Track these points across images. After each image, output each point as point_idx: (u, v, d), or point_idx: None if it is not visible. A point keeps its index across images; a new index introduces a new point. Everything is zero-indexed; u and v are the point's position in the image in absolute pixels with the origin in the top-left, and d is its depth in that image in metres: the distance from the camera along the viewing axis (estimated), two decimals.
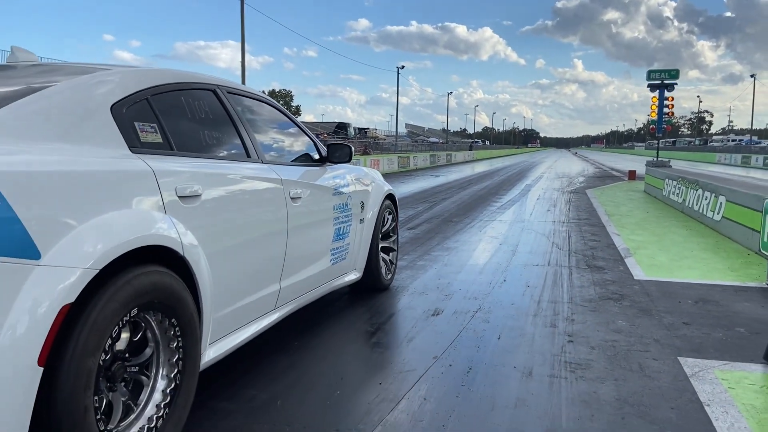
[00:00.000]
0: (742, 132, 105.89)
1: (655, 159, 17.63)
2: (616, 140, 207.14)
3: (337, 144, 4.26)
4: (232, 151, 3.16)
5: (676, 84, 18.54)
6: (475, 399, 2.98)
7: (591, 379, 3.22)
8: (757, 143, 67.91)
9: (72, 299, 1.82)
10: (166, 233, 2.27)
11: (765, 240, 6.62)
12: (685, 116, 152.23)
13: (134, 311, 2.11)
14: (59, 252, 1.83)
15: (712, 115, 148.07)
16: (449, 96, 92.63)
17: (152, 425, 2.21)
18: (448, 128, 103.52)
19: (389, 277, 5.23)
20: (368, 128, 74.72)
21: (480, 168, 35.32)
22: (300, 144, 4.11)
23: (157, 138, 2.58)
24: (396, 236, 5.41)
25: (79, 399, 1.85)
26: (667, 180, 13.20)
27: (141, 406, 2.21)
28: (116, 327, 2.02)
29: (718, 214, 8.75)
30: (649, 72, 18.58)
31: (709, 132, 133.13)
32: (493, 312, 4.54)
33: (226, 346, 2.86)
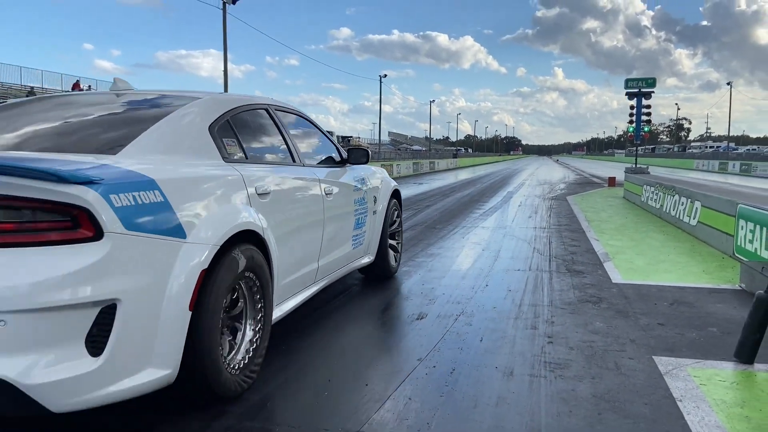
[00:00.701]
0: (719, 138, 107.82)
1: (634, 166, 17.96)
2: (596, 147, 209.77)
3: (356, 148, 5.23)
4: (282, 157, 4.01)
5: (653, 92, 18.94)
6: (458, 398, 3.09)
7: (569, 377, 3.35)
8: (734, 149, 69.24)
9: (206, 266, 2.65)
10: (253, 220, 3.09)
11: (738, 244, 6.84)
12: (664, 123, 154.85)
13: (236, 276, 2.92)
14: (196, 233, 2.65)
15: (690, 122, 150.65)
16: (432, 104, 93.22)
17: (246, 356, 3.08)
18: (431, 136, 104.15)
19: (395, 264, 6.07)
20: (351, 136, 74.95)
21: (463, 176, 35.60)
22: (325, 148, 4.95)
23: (237, 150, 3.42)
24: (400, 228, 6.29)
25: (213, 335, 2.71)
26: (645, 186, 13.47)
27: (238, 345, 3.08)
28: (228, 287, 2.84)
29: (694, 219, 8.99)
30: (627, 80, 18.95)
31: (688, 139, 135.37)
32: (476, 315, 4.66)
33: (284, 309, 3.67)
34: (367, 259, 5.40)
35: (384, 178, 5.89)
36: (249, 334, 3.14)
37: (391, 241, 5.89)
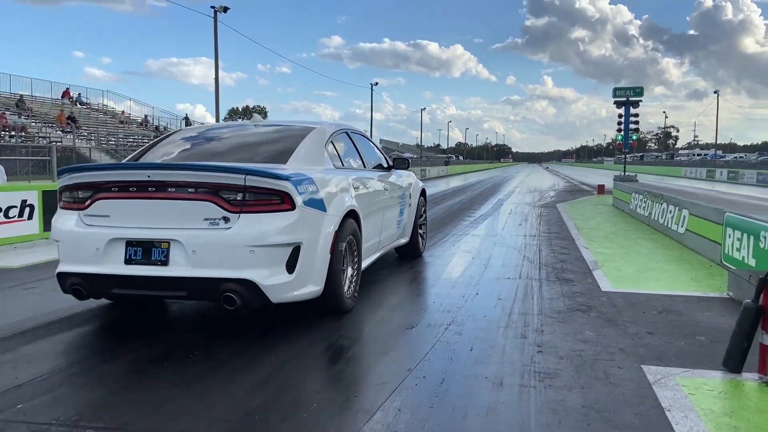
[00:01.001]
0: (707, 146, 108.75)
1: (623, 174, 18.09)
2: (586, 155, 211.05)
3: (399, 158, 7.38)
4: (359, 164, 5.95)
5: (641, 101, 19.12)
6: (448, 409, 3.08)
7: (559, 387, 3.35)
8: (721, 157, 69.88)
9: (336, 228, 4.50)
10: (354, 204, 4.93)
11: (726, 252, 6.88)
12: (652, 131, 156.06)
13: (348, 236, 4.76)
14: (331, 209, 4.48)
15: (678, 130, 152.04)
16: (423, 112, 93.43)
17: (350, 287, 4.91)
18: (422, 144, 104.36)
19: (422, 246, 7.98)
20: None
21: (454, 183, 35.68)
22: (378, 158, 6.78)
23: (337, 160, 5.34)
24: (425, 220, 8.34)
25: (339, 269, 4.55)
26: (633, 194, 13.56)
27: (346, 278, 4.85)
28: (345, 241, 4.69)
29: (681, 227, 9.05)
30: (615, 89, 19.13)
31: (675, 147, 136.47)
32: (466, 324, 4.66)
33: (363, 266, 5.37)
34: (403, 240, 7.21)
35: (415, 181, 7.87)
36: (350, 272, 4.94)
37: (419, 230, 7.72)
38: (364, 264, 5.42)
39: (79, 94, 38.27)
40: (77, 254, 4.21)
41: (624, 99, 18.96)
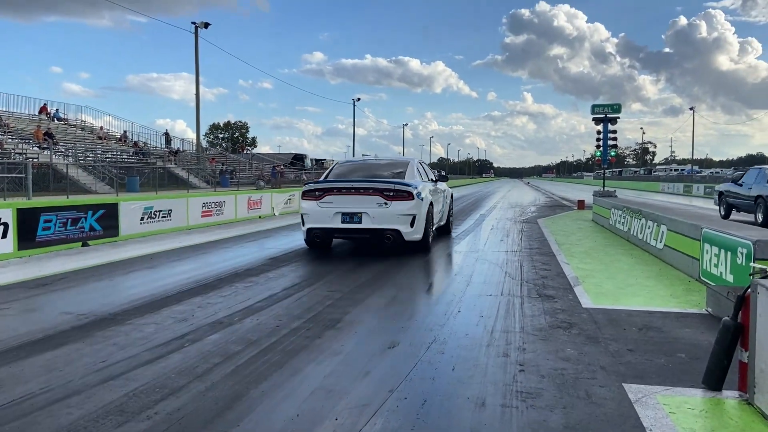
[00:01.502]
0: (683, 162, 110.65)
1: (602, 189, 18.28)
2: (565, 170, 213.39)
3: (441, 175, 12.79)
4: (428, 179, 10.84)
5: (618, 117, 19.41)
6: (429, 431, 3.04)
7: (541, 407, 3.33)
8: (697, 172, 71.10)
9: (426, 208, 9.75)
10: (429, 197, 9.98)
11: (704, 267, 6.97)
12: (630, 147, 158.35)
13: (429, 211, 10.04)
14: (424, 199, 9.57)
15: (655, 146, 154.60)
16: (405, 127, 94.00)
17: (429, 237, 10.01)
18: None
19: (451, 229, 13.01)
20: (325, 159, 74.85)
21: None
22: (433, 175, 11.49)
23: (420, 177, 10.27)
24: (452, 211, 13.34)
25: (429, 226, 10.01)
26: (613, 209, 13.70)
27: (429, 233, 9.98)
28: (428, 213, 9.93)
29: (660, 242, 9.15)
30: (593, 106, 19.40)
31: (653, 162, 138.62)
32: (448, 343, 4.63)
33: (432, 229, 10.36)
34: (443, 223, 11.99)
35: (448, 188, 12.74)
36: (430, 231, 9.90)
37: (450, 218, 12.82)
38: (432, 228, 10.41)
39: (57, 109, 37.78)
40: (318, 219, 9.23)
41: (602, 115, 19.23)
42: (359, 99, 64.54)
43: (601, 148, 19.78)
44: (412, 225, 9.06)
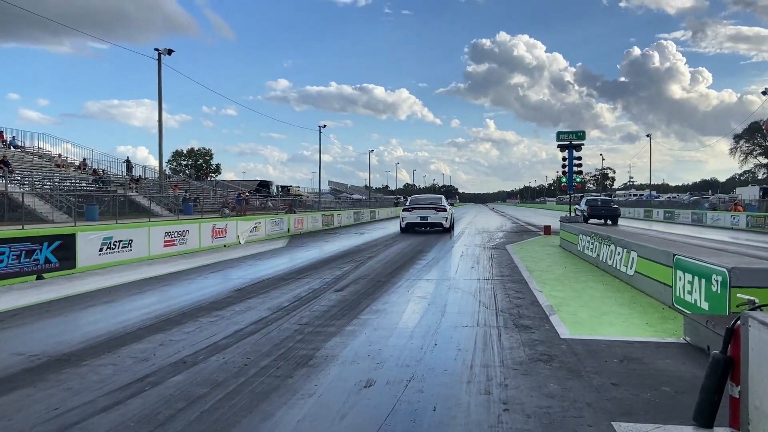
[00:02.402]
0: (642, 187, 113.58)
1: (569, 215, 18.45)
2: (529, 195, 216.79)
3: (449, 203, 27.09)
4: (446, 204, 25.26)
5: (583, 144, 19.74)
6: None
7: None
8: (656, 197, 73.01)
9: (452, 214, 26.72)
10: (450, 209, 25.47)
11: (677, 295, 6.95)
12: (591, 173, 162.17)
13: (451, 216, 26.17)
14: (450, 210, 25.09)
15: (614, 172, 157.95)
16: (370, 154, 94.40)
17: (452, 228, 25.00)
18: (371, 185, 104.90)
19: (452, 232, 24.28)
20: (291, 186, 74.41)
21: None
22: (445, 201, 25.26)
23: (445, 203, 25.12)
24: (454, 219, 26.89)
25: (449, 222, 26.00)
26: (581, 235, 13.78)
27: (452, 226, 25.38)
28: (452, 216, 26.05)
29: (631, 269, 9.16)
30: (558, 133, 19.72)
31: (613, 187, 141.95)
32: (427, 380, 4.43)
33: (446, 225, 23.69)
34: (447, 225, 23.47)
35: (452, 208, 26.74)
36: (449, 224, 24.02)
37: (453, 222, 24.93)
38: (449, 224, 23.64)
39: (14, 137, 36.64)
40: (409, 219, 23.29)
41: (567, 142, 19.53)
42: (325, 126, 64.48)
43: (566, 175, 20.05)
44: (446, 222, 22.78)
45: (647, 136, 79.23)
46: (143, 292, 9.08)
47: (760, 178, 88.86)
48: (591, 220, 27.24)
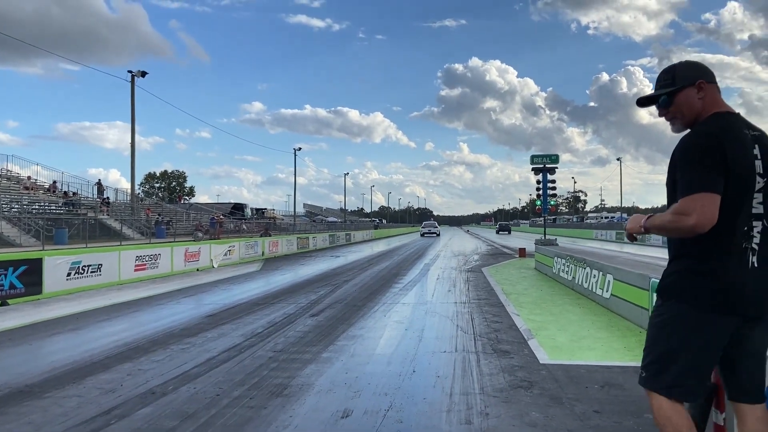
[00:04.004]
0: (613, 209, 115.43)
1: (543, 237, 18.58)
2: (503, 218, 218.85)
3: (437, 225, 69.26)
4: (438, 226, 70.81)
5: (557, 168, 19.98)
6: None
7: None
8: (626, 220, 74.17)
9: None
10: (438, 228, 69.05)
11: None
12: (563, 195, 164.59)
13: None
14: (438, 228, 71.34)
15: (586, 195, 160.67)
16: (346, 177, 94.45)
17: (438, 232, 68.08)
18: (346, 207, 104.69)
19: (440, 234, 62.68)
20: (265, 209, 73.82)
21: (379, 247, 35.64)
22: (437, 225, 68.75)
23: (436, 228, 66.75)
24: (439, 232, 66.11)
25: (436, 231, 69.52)
26: (556, 258, 13.85)
27: (438, 232, 66.37)
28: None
29: (607, 291, 9.19)
30: (533, 157, 19.94)
31: (585, 210, 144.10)
32: (406, 409, 4.31)
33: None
34: (438, 233, 62.34)
35: (439, 227, 69.75)
36: (439, 232, 66.00)
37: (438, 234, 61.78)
38: (438, 233, 62.42)
39: None
40: (423, 231, 62.68)
41: (541, 166, 19.75)
42: (300, 149, 64.31)
43: (541, 198, 20.23)
44: (438, 232, 62.35)
45: (617, 159, 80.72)
46: (112, 319, 8.79)
47: None
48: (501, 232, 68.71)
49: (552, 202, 20.77)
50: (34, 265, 11.13)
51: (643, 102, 2.47)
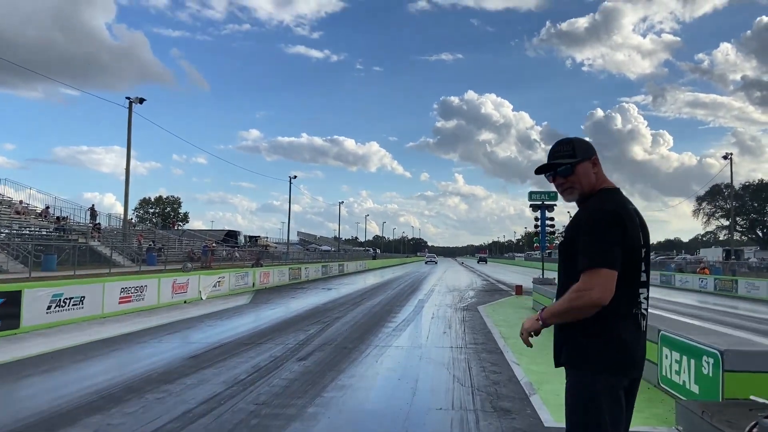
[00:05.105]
0: None
1: (541, 276, 18.19)
2: (497, 250, 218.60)
3: (434, 255, 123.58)
4: (436, 257, 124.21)
5: (555, 205, 19.70)
6: None
7: None
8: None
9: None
10: (436, 258, 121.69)
11: (663, 374, 6.55)
12: (558, 230, 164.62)
13: None
14: (436, 258, 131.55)
15: None
16: (340, 205, 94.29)
17: (437, 261, 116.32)
18: (340, 236, 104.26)
19: (437, 263, 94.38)
20: (259, 236, 73.32)
21: (372, 280, 35.13)
22: (435, 256, 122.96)
23: (434, 258, 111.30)
24: (437, 260, 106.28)
25: (435, 261, 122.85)
26: (555, 300, 13.42)
27: (437, 261, 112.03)
28: None
29: None
30: (531, 193, 19.67)
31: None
32: None
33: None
34: (436, 262, 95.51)
35: (436, 257, 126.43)
36: (437, 261, 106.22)
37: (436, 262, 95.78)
38: (436, 262, 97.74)
39: None
40: (426, 260, 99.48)
41: (539, 203, 19.48)
42: (296, 177, 64.14)
43: (539, 235, 19.91)
44: (437, 262, 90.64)
45: None
46: (89, 359, 8.31)
47: (721, 239, 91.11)
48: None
49: (550, 240, 20.46)
50: (12, 298, 10.65)
51: (542, 170, 2.57)
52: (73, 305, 12.14)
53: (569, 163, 2.49)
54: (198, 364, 7.93)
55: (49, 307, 11.50)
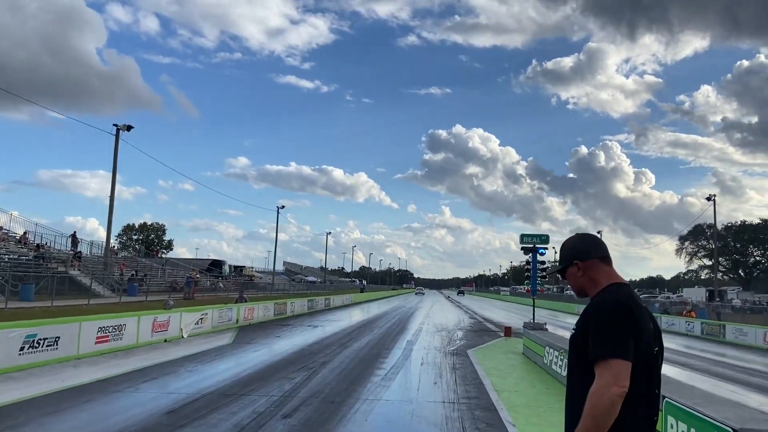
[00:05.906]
0: None
1: (532, 321, 17.88)
2: (483, 284, 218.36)
3: (421, 287, 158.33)
4: (422, 290, 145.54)
5: (546, 248, 19.52)
6: None
7: None
8: None
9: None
10: (423, 290, 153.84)
11: None
12: (548, 266, 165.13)
13: None
14: (423, 291, 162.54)
15: None
16: (328, 235, 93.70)
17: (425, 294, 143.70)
18: (327, 267, 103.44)
19: (423, 294, 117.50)
20: (244, 266, 72.51)
21: (358, 315, 34.58)
22: (423, 290, 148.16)
23: (422, 292, 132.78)
24: (424, 292, 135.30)
25: (422, 293, 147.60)
26: (548, 348, 13.10)
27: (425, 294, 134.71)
28: None
29: None
30: (522, 236, 19.50)
31: (564, 279, 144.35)
32: None
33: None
34: (424, 294, 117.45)
35: (424, 290, 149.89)
36: (424, 293, 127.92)
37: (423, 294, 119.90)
38: (423, 293, 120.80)
39: None
40: (416, 292, 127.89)
41: (531, 245, 19.30)
42: (283, 207, 63.78)
43: (530, 279, 19.67)
44: (424, 294, 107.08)
45: (598, 233, 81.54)
46: (57, 412, 7.79)
47: (703, 277, 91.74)
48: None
49: (541, 284, 20.21)
50: None
51: (552, 272, 2.61)
52: (47, 346, 11.59)
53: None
54: (175, 421, 7.46)
55: (21, 349, 10.95)
